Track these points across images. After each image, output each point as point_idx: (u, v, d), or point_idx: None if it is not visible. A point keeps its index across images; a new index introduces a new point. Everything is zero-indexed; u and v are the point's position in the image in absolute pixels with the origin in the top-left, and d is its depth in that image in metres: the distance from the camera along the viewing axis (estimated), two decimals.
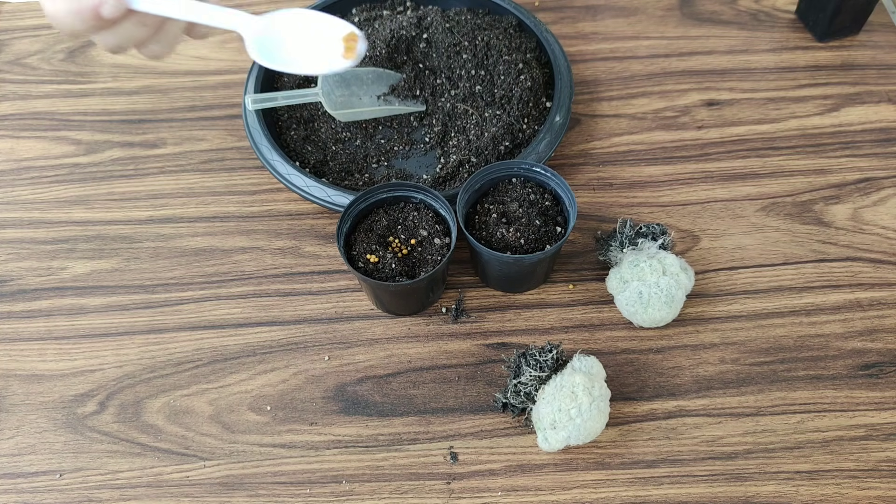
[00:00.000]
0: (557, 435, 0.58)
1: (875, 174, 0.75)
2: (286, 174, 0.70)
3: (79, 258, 0.72)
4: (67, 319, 0.68)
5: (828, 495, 0.59)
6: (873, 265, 0.69)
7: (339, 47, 0.50)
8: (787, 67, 0.83)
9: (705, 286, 0.69)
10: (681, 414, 0.62)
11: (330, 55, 0.49)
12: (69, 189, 0.76)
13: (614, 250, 0.67)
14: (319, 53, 0.49)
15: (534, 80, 0.76)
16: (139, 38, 0.51)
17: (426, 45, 0.77)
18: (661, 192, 0.74)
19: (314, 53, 0.49)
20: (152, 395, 0.64)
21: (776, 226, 0.72)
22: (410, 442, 0.62)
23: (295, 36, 0.49)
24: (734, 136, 0.78)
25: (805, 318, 0.67)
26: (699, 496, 0.59)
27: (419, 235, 0.65)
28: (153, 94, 0.83)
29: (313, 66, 0.49)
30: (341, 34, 0.50)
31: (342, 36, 0.50)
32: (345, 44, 0.50)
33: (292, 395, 0.64)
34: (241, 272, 0.71)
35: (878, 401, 0.63)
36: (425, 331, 0.67)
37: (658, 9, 0.88)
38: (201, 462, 0.61)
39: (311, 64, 0.49)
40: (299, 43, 0.49)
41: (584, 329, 0.67)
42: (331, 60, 0.49)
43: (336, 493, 0.60)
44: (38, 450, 0.62)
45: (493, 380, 0.64)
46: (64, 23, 0.48)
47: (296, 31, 0.49)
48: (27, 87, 0.84)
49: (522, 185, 0.67)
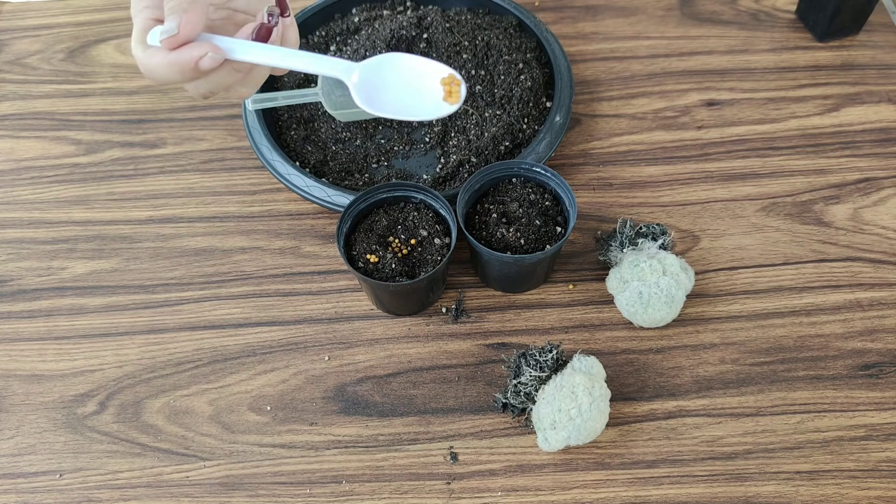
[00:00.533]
0: (557, 435, 0.58)
1: (875, 174, 0.75)
2: (286, 174, 0.70)
3: (79, 258, 0.72)
4: (67, 319, 0.68)
5: (828, 495, 0.59)
6: (873, 265, 0.69)
7: (440, 90, 0.49)
8: (787, 67, 0.83)
9: (705, 286, 0.69)
10: (681, 414, 0.62)
11: (432, 99, 0.48)
12: (69, 189, 0.76)
13: (614, 250, 0.67)
14: (422, 98, 0.48)
15: (534, 79, 0.76)
16: (230, 84, 0.50)
17: (426, 45, 0.77)
18: (661, 192, 0.74)
19: (416, 98, 0.48)
20: (152, 395, 0.64)
21: (776, 226, 0.72)
22: (410, 442, 0.62)
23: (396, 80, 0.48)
24: (734, 136, 0.78)
25: (805, 318, 0.67)
26: (699, 496, 0.59)
27: (419, 235, 0.65)
28: (153, 93, 0.83)
29: (418, 112, 0.48)
30: (440, 76, 0.49)
31: (441, 78, 0.49)
32: (445, 87, 0.49)
33: (292, 395, 0.64)
34: (241, 272, 0.70)
35: (878, 401, 0.63)
36: (425, 331, 0.67)
37: (658, 9, 0.88)
38: (201, 462, 0.61)
39: (416, 110, 0.48)
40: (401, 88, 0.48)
41: (584, 329, 0.67)
42: (434, 105, 0.48)
43: (336, 494, 0.60)
44: (38, 450, 0.62)
45: (493, 380, 0.64)
46: (159, 74, 0.47)
47: (396, 76, 0.48)
48: (27, 87, 0.84)
49: (522, 185, 0.67)
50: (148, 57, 0.47)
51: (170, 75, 0.47)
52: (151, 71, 0.47)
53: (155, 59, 0.47)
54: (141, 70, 0.48)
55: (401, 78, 0.48)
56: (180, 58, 0.46)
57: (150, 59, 0.47)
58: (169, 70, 0.46)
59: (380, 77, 0.48)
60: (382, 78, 0.48)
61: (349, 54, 0.77)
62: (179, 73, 0.47)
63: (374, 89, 0.47)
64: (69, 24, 0.89)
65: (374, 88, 0.47)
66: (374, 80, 0.48)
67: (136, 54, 0.47)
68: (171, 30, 0.45)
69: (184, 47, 0.46)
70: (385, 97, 0.48)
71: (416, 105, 0.48)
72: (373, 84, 0.47)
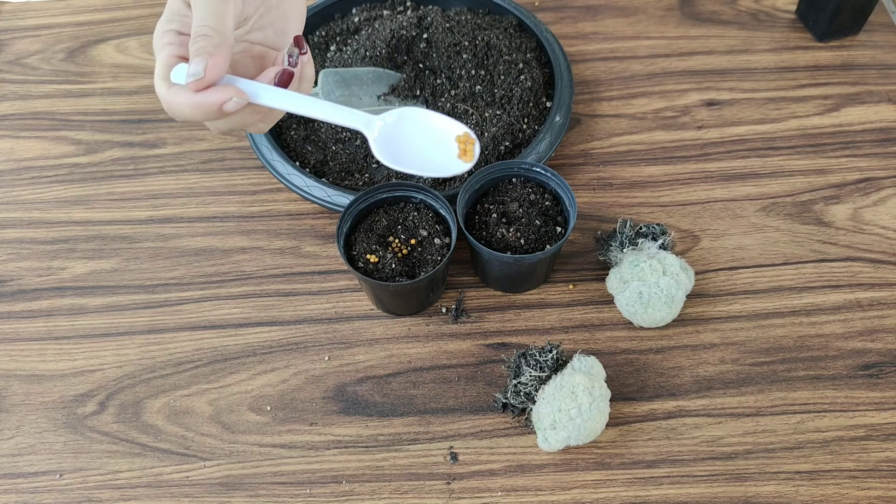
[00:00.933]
0: (557, 435, 0.58)
1: (875, 174, 0.75)
2: (286, 174, 0.70)
3: (79, 258, 0.72)
4: (67, 319, 0.68)
5: (828, 496, 0.59)
6: (873, 265, 0.69)
7: (455, 148, 0.50)
8: (787, 67, 0.83)
9: (705, 286, 0.69)
10: (681, 414, 0.62)
11: (448, 156, 0.50)
12: (69, 189, 0.76)
13: (614, 250, 0.67)
14: (438, 154, 0.49)
15: (534, 79, 0.76)
16: (250, 123, 0.51)
17: (426, 45, 0.76)
18: (661, 192, 0.74)
19: (433, 154, 0.49)
20: (152, 395, 0.64)
21: (776, 226, 0.72)
22: (410, 442, 0.62)
23: (414, 135, 0.49)
24: (734, 136, 0.78)
25: (805, 318, 0.67)
26: (699, 496, 0.59)
27: (419, 235, 0.65)
28: (153, 93, 0.83)
29: (435, 169, 0.50)
30: (455, 134, 0.50)
31: (456, 136, 0.50)
32: (460, 145, 0.50)
33: (292, 395, 0.64)
34: (241, 272, 0.70)
35: (878, 401, 0.63)
36: (425, 331, 0.67)
37: (658, 9, 0.88)
38: (201, 462, 0.61)
39: (433, 165, 0.50)
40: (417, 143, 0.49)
41: (584, 329, 0.67)
42: (451, 162, 0.50)
43: (336, 494, 0.60)
44: (38, 450, 0.62)
45: (493, 380, 0.64)
46: (183, 113, 0.48)
47: (413, 131, 0.49)
48: (27, 87, 0.84)
49: (522, 185, 0.67)
50: (172, 95, 0.47)
51: (193, 115, 0.48)
52: (174, 109, 0.48)
53: (179, 97, 0.47)
54: (163, 106, 0.48)
55: (419, 133, 0.49)
56: (205, 100, 0.47)
57: (175, 97, 0.47)
58: (193, 111, 0.47)
59: (399, 131, 0.49)
60: (401, 132, 0.49)
61: (349, 54, 0.77)
62: (203, 114, 0.47)
63: (393, 143, 0.48)
64: (69, 23, 0.89)
65: (394, 142, 0.48)
66: (394, 133, 0.49)
67: (159, 91, 0.48)
68: (198, 73, 0.46)
69: (209, 90, 0.47)
70: (404, 152, 0.49)
71: (432, 161, 0.49)
72: (392, 138, 0.48)
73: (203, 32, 0.47)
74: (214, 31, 0.47)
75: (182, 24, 0.49)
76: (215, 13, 0.47)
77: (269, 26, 0.53)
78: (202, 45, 0.46)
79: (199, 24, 0.47)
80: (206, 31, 0.47)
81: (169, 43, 0.48)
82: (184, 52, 0.48)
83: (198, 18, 0.47)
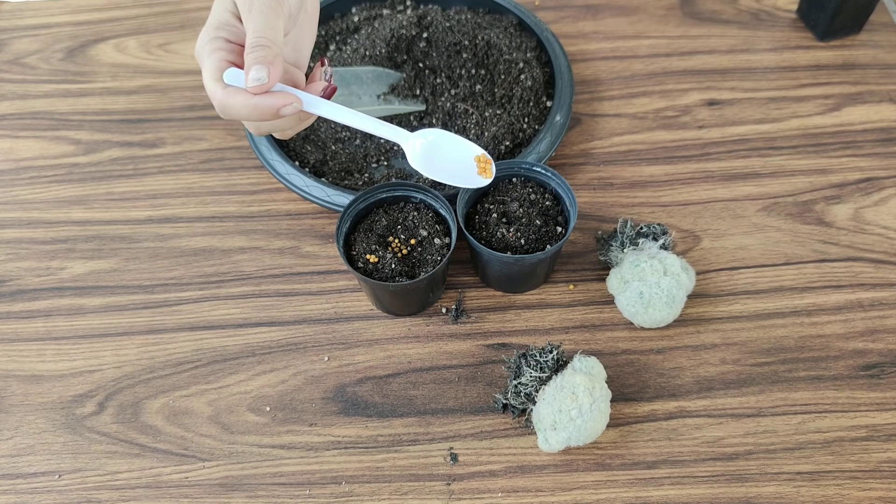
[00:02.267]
0: (558, 436, 0.58)
1: (876, 174, 0.75)
2: (285, 174, 0.70)
3: (78, 258, 0.72)
4: (66, 320, 0.68)
5: (829, 496, 0.58)
6: (874, 265, 0.69)
7: (474, 166, 0.58)
8: (788, 67, 0.83)
9: (706, 286, 0.68)
10: (682, 415, 0.62)
11: (469, 172, 0.58)
12: (68, 189, 0.76)
13: (615, 250, 0.67)
14: (461, 169, 0.58)
15: (534, 79, 0.76)
16: (290, 127, 0.55)
17: (426, 45, 0.76)
18: (661, 192, 0.74)
19: (458, 168, 0.58)
20: (151, 395, 0.64)
21: (777, 226, 0.72)
22: (410, 443, 0.62)
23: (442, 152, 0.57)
24: (735, 135, 0.78)
25: (806, 318, 0.67)
26: (700, 497, 0.59)
27: (419, 235, 0.65)
28: (152, 93, 0.83)
29: (459, 180, 0.58)
30: (474, 154, 0.58)
31: (474, 156, 0.58)
32: (479, 164, 0.58)
33: (292, 395, 0.64)
34: (241, 272, 0.70)
35: (880, 401, 0.62)
36: (425, 331, 0.67)
37: (659, 8, 0.88)
38: (200, 463, 0.61)
39: (457, 177, 0.58)
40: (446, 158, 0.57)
41: (584, 329, 0.67)
42: (472, 177, 0.58)
43: (336, 495, 0.59)
44: (37, 450, 0.62)
45: (493, 380, 0.64)
46: (238, 112, 0.51)
47: (442, 148, 0.58)
48: (26, 87, 0.84)
49: (523, 185, 0.67)
50: (228, 95, 0.51)
51: (249, 115, 0.51)
52: (229, 108, 0.52)
53: (236, 98, 0.51)
54: (215, 104, 0.52)
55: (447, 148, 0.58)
56: (265, 103, 0.51)
57: (231, 97, 0.51)
58: (250, 111, 0.51)
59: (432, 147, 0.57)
60: (433, 146, 0.57)
61: (349, 53, 0.77)
62: (259, 115, 0.51)
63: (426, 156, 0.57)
64: (68, 23, 0.89)
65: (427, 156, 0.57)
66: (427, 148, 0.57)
67: (213, 91, 0.51)
68: (262, 79, 0.50)
69: (268, 94, 0.51)
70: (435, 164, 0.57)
71: (457, 174, 0.57)
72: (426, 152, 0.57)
73: (262, 43, 0.51)
74: (272, 42, 0.51)
75: (231, 33, 0.53)
76: (271, 27, 0.51)
77: (291, 43, 0.57)
78: (262, 54, 0.50)
79: (256, 35, 0.51)
80: (264, 41, 0.51)
81: (219, 48, 0.52)
82: (233, 58, 0.53)
83: (255, 30, 0.51)
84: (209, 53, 0.52)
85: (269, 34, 0.51)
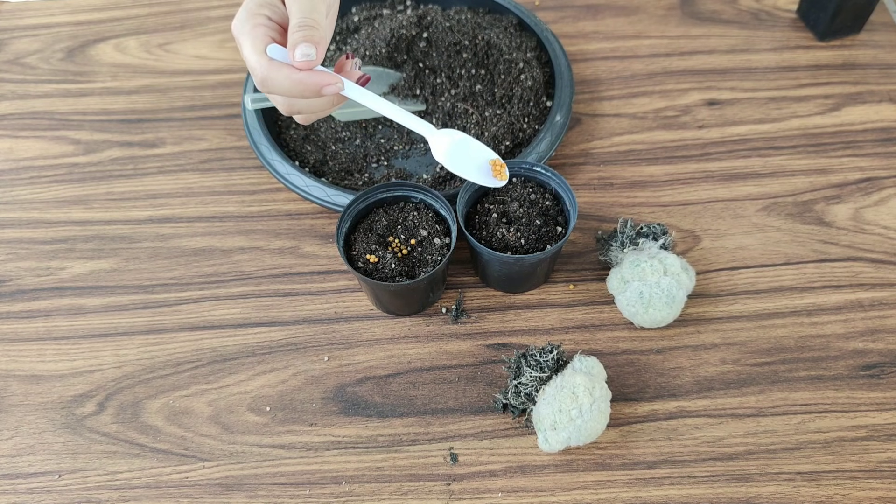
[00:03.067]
0: (558, 436, 0.58)
1: (876, 174, 0.75)
2: (286, 174, 0.70)
3: (78, 258, 0.72)
4: (66, 320, 0.68)
5: (829, 496, 0.58)
6: (874, 265, 0.69)
7: (489, 168, 0.60)
8: (789, 67, 0.83)
9: (706, 286, 0.68)
10: (682, 415, 0.62)
11: (485, 172, 0.60)
12: (68, 189, 0.76)
13: (615, 250, 0.67)
14: (477, 168, 0.60)
15: (534, 79, 0.76)
16: (322, 108, 0.56)
17: (426, 44, 0.76)
18: (661, 192, 0.74)
19: (475, 166, 0.60)
20: (151, 395, 0.64)
21: (777, 226, 0.72)
22: (410, 443, 0.62)
23: (462, 150, 0.60)
24: (735, 135, 0.78)
25: (806, 318, 0.67)
26: (700, 497, 0.59)
27: (419, 235, 0.65)
28: (152, 93, 0.83)
29: (477, 178, 0.60)
30: (489, 158, 0.61)
31: (489, 159, 0.61)
32: (493, 167, 0.61)
33: (292, 395, 0.64)
34: (241, 272, 0.70)
35: (880, 401, 0.62)
36: (425, 331, 0.67)
37: (659, 8, 0.88)
38: (200, 463, 0.61)
39: (474, 174, 0.59)
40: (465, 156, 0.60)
41: (584, 329, 0.67)
42: (487, 177, 0.60)
43: (336, 495, 0.59)
44: (37, 450, 0.62)
45: (493, 380, 0.64)
46: (281, 86, 0.52)
47: (462, 146, 0.60)
48: (26, 87, 0.84)
49: (523, 185, 0.67)
50: (273, 69, 0.52)
51: (291, 89, 0.52)
52: (272, 81, 0.52)
53: (281, 72, 0.52)
54: (256, 77, 0.52)
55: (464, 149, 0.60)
56: (311, 79, 0.52)
57: (276, 71, 0.52)
58: (293, 85, 0.52)
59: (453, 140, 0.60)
60: (455, 143, 0.60)
61: (349, 53, 0.77)
62: (302, 91, 0.52)
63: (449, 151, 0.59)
64: (68, 23, 0.89)
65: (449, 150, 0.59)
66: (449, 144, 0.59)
67: (257, 62, 0.52)
68: (311, 55, 0.51)
69: (314, 72, 0.52)
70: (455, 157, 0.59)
71: (474, 172, 0.60)
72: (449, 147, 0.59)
73: (308, 23, 0.52)
74: (318, 23, 0.52)
75: (273, 11, 0.54)
76: (316, 9, 0.53)
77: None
78: (309, 33, 0.52)
79: (303, 15, 0.52)
80: (311, 22, 0.52)
81: (262, 24, 0.53)
82: (275, 35, 0.54)
83: (301, 10, 0.52)
84: (252, 28, 0.53)
85: (315, 16, 0.52)
